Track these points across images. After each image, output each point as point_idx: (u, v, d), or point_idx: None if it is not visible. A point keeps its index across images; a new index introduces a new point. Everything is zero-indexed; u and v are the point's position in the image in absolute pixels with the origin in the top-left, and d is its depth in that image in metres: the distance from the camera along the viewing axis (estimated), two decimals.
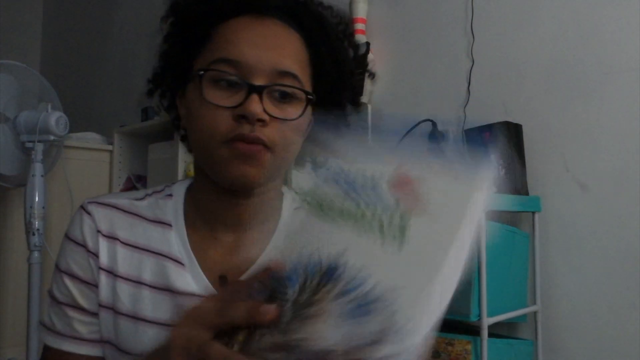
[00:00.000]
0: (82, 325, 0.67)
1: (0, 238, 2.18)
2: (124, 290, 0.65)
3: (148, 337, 0.62)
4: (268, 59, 0.63)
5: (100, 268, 0.66)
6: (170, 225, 0.68)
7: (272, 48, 0.64)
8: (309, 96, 0.66)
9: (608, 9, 1.66)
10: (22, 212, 1.94)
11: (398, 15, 2.18)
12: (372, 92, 2.18)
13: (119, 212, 0.69)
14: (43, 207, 1.91)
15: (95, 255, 0.67)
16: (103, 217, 0.68)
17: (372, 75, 0.97)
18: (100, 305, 0.66)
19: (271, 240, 0.68)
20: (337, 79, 0.71)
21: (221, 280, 0.62)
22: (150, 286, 0.65)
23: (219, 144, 0.62)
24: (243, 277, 0.60)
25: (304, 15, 0.68)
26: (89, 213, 0.69)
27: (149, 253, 0.66)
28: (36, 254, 1.90)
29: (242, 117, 0.61)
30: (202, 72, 0.63)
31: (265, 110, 0.62)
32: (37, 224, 1.89)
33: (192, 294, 0.63)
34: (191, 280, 0.64)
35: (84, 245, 0.67)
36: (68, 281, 0.68)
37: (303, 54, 0.67)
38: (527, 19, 1.82)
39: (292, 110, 0.64)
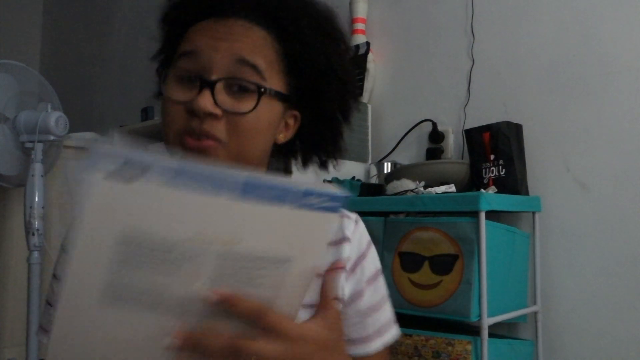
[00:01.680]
0: None
1: (0, 238, 2.18)
2: None
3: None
4: (225, 48, 0.63)
5: None
6: None
7: (230, 40, 0.64)
8: (261, 89, 0.63)
9: (608, 9, 1.66)
10: (21, 212, 1.93)
11: (398, 15, 2.18)
12: (372, 92, 2.18)
13: None
14: (43, 207, 1.90)
15: None
16: None
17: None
18: None
19: None
20: (317, 78, 0.69)
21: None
22: None
23: (173, 138, 0.64)
24: None
25: (274, 12, 0.66)
26: None
27: None
28: (36, 254, 1.89)
29: (193, 112, 0.62)
30: (161, 69, 0.69)
31: (217, 104, 0.62)
32: (36, 224, 1.88)
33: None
34: None
35: None
36: (56, 284, 0.72)
37: (269, 49, 0.65)
38: (527, 19, 1.82)
39: (251, 101, 0.63)
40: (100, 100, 3.58)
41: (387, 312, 0.74)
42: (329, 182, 1.82)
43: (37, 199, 1.89)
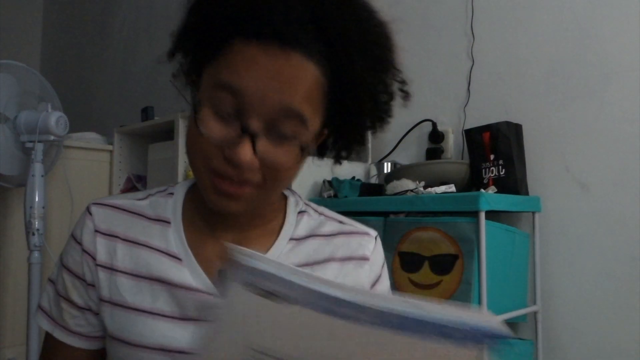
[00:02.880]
0: (70, 317, 0.70)
1: (0, 238, 2.18)
2: (124, 284, 0.66)
3: (149, 328, 0.64)
4: (274, 93, 0.56)
5: (98, 265, 0.68)
6: (169, 222, 0.69)
7: (281, 81, 0.56)
8: (302, 145, 0.60)
9: (608, 9, 1.66)
10: (22, 212, 1.94)
11: (398, 15, 2.18)
12: None
13: (120, 211, 0.70)
14: (43, 207, 1.91)
15: (90, 254, 0.68)
16: (103, 217, 0.69)
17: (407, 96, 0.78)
18: (101, 300, 0.68)
19: (274, 242, 0.69)
20: (357, 112, 0.66)
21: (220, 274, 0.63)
22: (148, 279, 0.66)
23: (205, 170, 0.61)
24: None
25: (333, 46, 0.59)
26: (90, 214, 0.70)
27: (148, 249, 0.67)
28: (36, 254, 1.90)
29: (231, 160, 0.58)
30: (191, 76, 0.64)
31: (258, 153, 0.58)
32: (37, 224, 1.89)
33: (189, 287, 0.64)
34: (189, 275, 0.65)
35: (80, 244, 0.69)
36: (66, 275, 0.71)
37: (319, 92, 0.59)
38: (527, 19, 1.82)
39: (291, 151, 0.60)
40: (100, 100, 3.58)
41: None
42: (329, 182, 1.82)
43: (37, 199, 1.89)
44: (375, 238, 0.74)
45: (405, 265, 1.53)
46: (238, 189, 0.60)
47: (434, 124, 1.96)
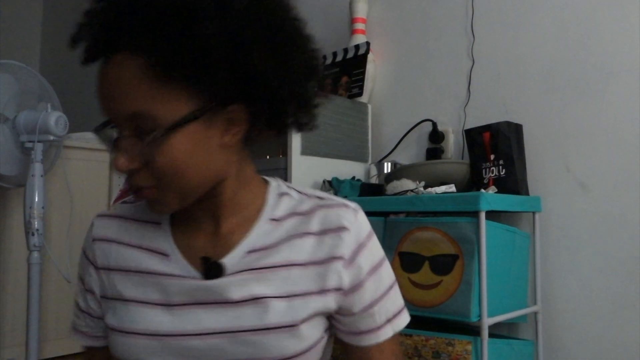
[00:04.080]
0: (82, 324, 0.80)
1: (0, 238, 2.18)
2: (119, 280, 0.73)
3: (139, 315, 0.69)
4: (110, 102, 0.62)
5: (99, 269, 0.75)
6: (159, 223, 0.75)
7: (112, 88, 0.61)
8: (150, 140, 0.60)
9: (608, 9, 1.66)
10: (21, 212, 1.93)
11: (398, 15, 2.18)
12: (372, 92, 2.18)
13: (117, 219, 0.77)
14: (42, 208, 1.90)
15: (91, 261, 0.76)
16: (100, 226, 0.77)
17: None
18: (105, 298, 0.75)
19: (254, 225, 0.71)
20: (227, 65, 0.60)
21: (203, 260, 0.69)
22: (138, 272, 0.72)
23: None
24: (226, 258, 0.69)
25: (130, 36, 0.60)
26: (92, 225, 0.78)
27: (139, 249, 0.73)
28: (36, 254, 1.89)
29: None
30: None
31: (130, 158, 0.62)
32: (36, 224, 1.88)
33: (173, 275, 0.70)
34: (175, 266, 0.70)
35: (84, 254, 0.78)
36: (79, 285, 0.79)
37: (154, 76, 0.59)
38: (527, 19, 1.82)
39: (160, 146, 0.62)
40: None
41: (395, 300, 0.75)
42: (329, 182, 1.82)
43: (37, 199, 1.89)
44: (356, 210, 0.72)
45: (405, 265, 1.53)
46: (140, 194, 0.65)
47: (434, 124, 1.96)
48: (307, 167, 1.84)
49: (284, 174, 1.80)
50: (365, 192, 1.78)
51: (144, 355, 0.68)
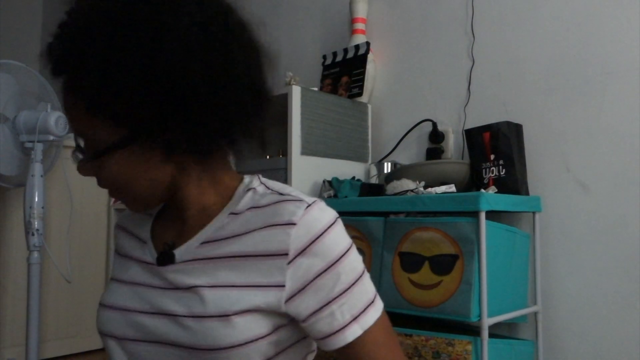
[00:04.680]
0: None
1: (0, 238, 2.18)
2: (116, 261, 0.84)
3: (113, 291, 0.79)
4: (71, 127, 0.72)
5: (115, 252, 0.88)
6: (151, 215, 0.85)
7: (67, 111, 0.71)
8: (78, 154, 0.74)
9: (608, 9, 1.66)
10: (21, 212, 1.93)
11: (398, 15, 2.18)
12: (372, 92, 2.18)
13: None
14: (42, 207, 1.90)
15: (115, 245, 0.89)
16: (123, 215, 0.90)
17: None
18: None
19: (214, 219, 0.74)
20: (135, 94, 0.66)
21: (165, 246, 0.76)
22: (125, 256, 0.82)
23: None
24: (180, 248, 0.74)
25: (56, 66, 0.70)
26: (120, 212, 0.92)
27: (132, 236, 0.84)
28: (35, 254, 1.89)
29: None
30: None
31: (83, 169, 0.73)
32: (36, 224, 1.88)
33: (143, 261, 0.78)
34: (147, 252, 0.79)
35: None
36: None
37: (78, 105, 0.68)
38: (527, 19, 1.82)
39: (101, 162, 0.71)
40: None
41: (361, 296, 0.70)
42: (329, 182, 1.82)
43: (37, 199, 1.89)
44: (310, 205, 0.69)
45: (405, 265, 1.53)
46: (110, 195, 0.76)
47: (434, 124, 1.96)
48: (307, 167, 1.84)
49: (284, 174, 1.80)
50: (365, 192, 1.78)
51: (110, 327, 0.76)
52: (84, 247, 2.42)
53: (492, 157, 1.68)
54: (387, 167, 1.96)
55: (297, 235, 0.67)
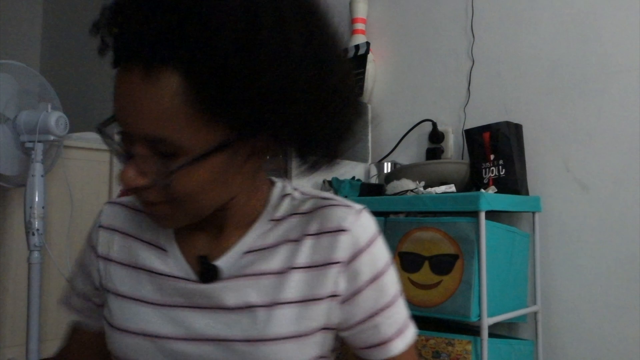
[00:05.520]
0: (75, 299, 0.80)
1: (0, 238, 2.18)
2: (116, 272, 0.71)
3: (132, 313, 0.67)
4: (131, 119, 0.56)
5: (99, 257, 0.74)
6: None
7: (136, 106, 0.55)
8: (158, 157, 0.57)
9: (608, 9, 1.66)
10: (21, 212, 1.93)
11: (398, 15, 2.18)
12: (372, 92, 2.18)
13: (125, 208, 0.75)
14: (43, 207, 1.90)
15: (93, 247, 0.75)
16: (109, 213, 0.75)
17: None
18: (104, 289, 0.73)
19: (253, 226, 0.68)
20: (261, 104, 0.55)
21: (200, 259, 0.66)
22: (135, 267, 0.70)
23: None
24: (219, 261, 0.66)
25: (167, 47, 0.53)
26: (101, 212, 0.77)
27: (139, 241, 0.72)
28: (36, 254, 1.89)
29: None
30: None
31: (142, 174, 0.58)
32: (36, 224, 1.88)
33: (169, 275, 0.67)
34: (172, 264, 0.68)
35: (89, 238, 0.77)
36: (77, 266, 0.79)
37: (183, 100, 0.54)
38: (527, 19, 1.82)
39: (181, 171, 0.57)
40: (100, 100, 3.57)
41: (402, 311, 0.70)
42: (329, 182, 1.82)
43: (37, 199, 1.89)
44: (360, 211, 0.67)
45: (405, 265, 1.53)
46: (150, 208, 0.62)
47: (434, 124, 1.96)
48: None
49: (284, 174, 1.80)
50: (365, 192, 1.78)
51: (136, 354, 0.66)
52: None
53: (492, 157, 1.68)
54: (387, 167, 1.96)
55: (349, 242, 0.65)
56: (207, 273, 0.65)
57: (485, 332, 1.40)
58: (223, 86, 0.53)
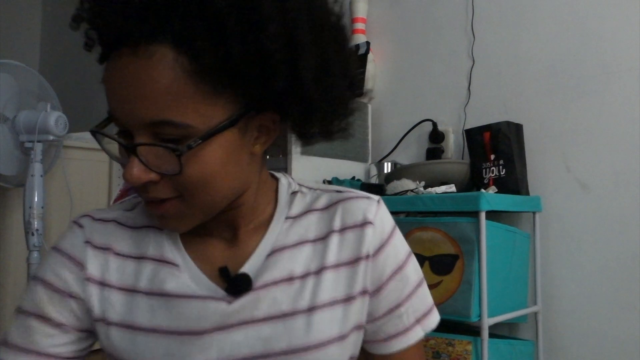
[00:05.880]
0: (43, 337, 0.62)
1: (0, 238, 2.18)
2: (118, 301, 0.61)
3: (146, 346, 0.59)
4: (128, 105, 0.52)
5: (88, 279, 0.63)
6: (160, 228, 0.64)
7: (132, 90, 0.51)
8: (175, 152, 0.52)
9: (608, 9, 1.66)
10: (21, 212, 1.93)
11: (398, 15, 2.18)
12: (372, 92, 2.18)
13: (111, 224, 0.66)
14: (42, 207, 1.90)
15: (81, 265, 0.63)
16: (95, 230, 0.65)
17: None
18: (94, 320, 0.63)
19: (270, 226, 0.64)
20: (266, 75, 0.52)
21: (222, 272, 0.60)
22: (145, 293, 0.61)
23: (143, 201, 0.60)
24: (243, 268, 0.61)
25: (159, 22, 0.50)
26: (80, 226, 0.66)
27: (142, 260, 0.63)
28: (35, 254, 1.89)
29: None
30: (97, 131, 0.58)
31: (149, 167, 0.53)
32: (36, 224, 1.88)
33: (190, 296, 0.59)
34: (188, 280, 0.60)
35: (68, 255, 0.64)
36: (40, 288, 0.63)
37: (184, 77, 0.50)
38: (527, 19, 1.82)
39: (187, 155, 0.53)
40: (100, 100, 3.57)
41: (424, 298, 0.69)
42: (329, 182, 1.82)
43: (36, 199, 1.89)
44: (379, 202, 0.66)
45: None
46: (160, 207, 0.56)
47: (434, 124, 1.96)
48: (307, 167, 1.83)
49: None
50: (365, 192, 1.78)
51: None
52: None
53: (492, 157, 1.68)
54: (387, 167, 1.96)
55: (374, 234, 0.64)
56: (238, 285, 0.59)
57: (485, 333, 1.39)
58: (222, 51, 0.49)
